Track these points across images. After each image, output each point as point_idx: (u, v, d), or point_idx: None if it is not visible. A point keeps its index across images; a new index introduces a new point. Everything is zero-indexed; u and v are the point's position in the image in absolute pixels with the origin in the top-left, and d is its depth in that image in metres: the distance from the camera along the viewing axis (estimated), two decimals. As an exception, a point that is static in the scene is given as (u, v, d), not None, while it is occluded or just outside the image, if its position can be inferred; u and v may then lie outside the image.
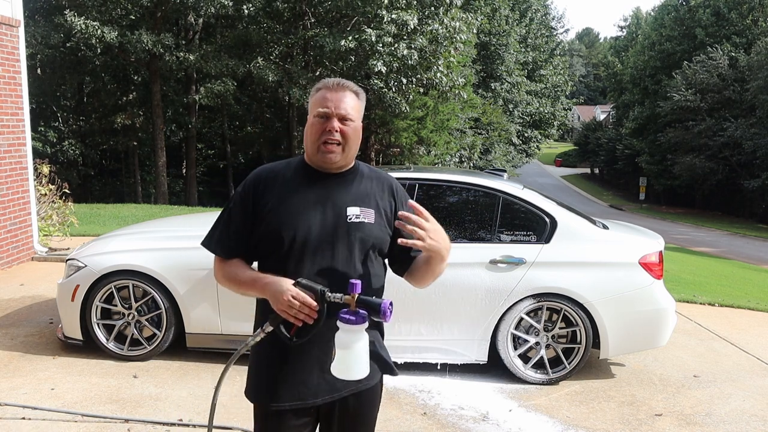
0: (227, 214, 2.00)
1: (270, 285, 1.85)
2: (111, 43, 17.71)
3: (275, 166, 2.04)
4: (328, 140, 1.90)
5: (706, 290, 8.98)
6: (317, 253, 1.91)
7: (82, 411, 3.79)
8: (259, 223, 1.93)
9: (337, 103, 1.92)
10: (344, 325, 1.78)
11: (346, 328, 1.78)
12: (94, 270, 4.55)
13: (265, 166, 2.05)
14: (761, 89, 31.07)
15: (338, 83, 1.95)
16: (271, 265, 1.93)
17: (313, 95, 1.97)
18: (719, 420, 4.10)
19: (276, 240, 1.91)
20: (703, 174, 34.18)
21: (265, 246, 1.94)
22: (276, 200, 1.93)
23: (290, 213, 1.92)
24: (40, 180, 8.64)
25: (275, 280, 1.86)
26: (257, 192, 1.95)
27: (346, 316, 1.77)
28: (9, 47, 7.41)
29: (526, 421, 3.97)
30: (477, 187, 4.74)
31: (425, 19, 18.39)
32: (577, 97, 76.30)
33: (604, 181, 53.36)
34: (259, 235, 1.94)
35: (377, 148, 23.06)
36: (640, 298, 4.54)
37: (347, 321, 1.77)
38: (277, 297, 1.82)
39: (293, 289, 1.81)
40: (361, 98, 1.99)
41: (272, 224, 1.91)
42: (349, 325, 1.77)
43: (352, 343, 1.78)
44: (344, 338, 1.79)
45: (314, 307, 1.80)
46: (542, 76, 43.60)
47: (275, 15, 19.50)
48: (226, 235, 1.98)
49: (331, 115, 1.91)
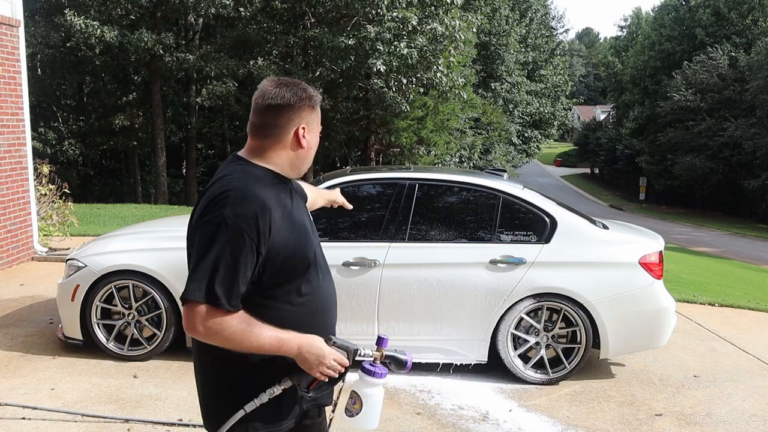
0: (227, 258, 1.63)
1: (304, 347, 1.70)
2: (111, 42, 17.71)
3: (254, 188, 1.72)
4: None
5: (706, 290, 8.98)
6: (322, 261, 1.91)
7: (82, 411, 3.79)
8: (275, 258, 1.72)
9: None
10: (369, 378, 1.78)
11: (368, 380, 1.78)
12: (94, 270, 4.54)
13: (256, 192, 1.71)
14: (761, 89, 31.07)
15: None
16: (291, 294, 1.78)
17: (314, 107, 1.83)
18: (719, 420, 4.10)
19: (301, 262, 1.79)
20: (703, 174, 34.16)
21: (286, 273, 1.76)
22: (284, 224, 1.74)
23: (303, 233, 1.83)
24: (40, 180, 8.63)
25: (308, 341, 1.71)
26: (266, 225, 1.68)
27: (373, 369, 1.78)
28: (9, 47, 7.40)
29: (526, 421, 3.97)
30: (477, 187, 4.74)
31: (425, 19, 18.38)
32: (577, 97, 76.26)
33: (604, 181, 53.35)
34: (279, 269, 1.74)
35: (377, 148, 23.05)
36: (641, 298, 4.54)
37: (373, 374, 1.77)
38: (317, 360, 1.71)
39: (333, 353, 1.74)
40: None
41: (294, 248, 1.76)
42: (372, 378, 1.78)
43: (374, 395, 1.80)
44: (366, 390, 1.79)
45: (347, 365, 1.77)
46: (542, 76, 43.60)
47: (275, 15, 19.50)
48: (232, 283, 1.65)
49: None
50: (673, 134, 35.96)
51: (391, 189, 4.69)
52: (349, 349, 1.78)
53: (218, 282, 1.63)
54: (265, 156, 1.82)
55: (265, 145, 1.81)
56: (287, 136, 1.80)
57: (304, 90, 1.81)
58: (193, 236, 1.73)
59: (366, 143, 22.99)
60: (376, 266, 4.43)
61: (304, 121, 1.81)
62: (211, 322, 1.64)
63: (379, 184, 4.82)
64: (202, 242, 1.67)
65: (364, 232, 4.65)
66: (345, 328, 4.49)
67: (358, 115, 21.97)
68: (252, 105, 1.84)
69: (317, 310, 1.86)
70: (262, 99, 1.79)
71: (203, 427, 1.96)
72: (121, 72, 24.46)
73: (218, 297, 1.63)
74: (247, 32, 19.39)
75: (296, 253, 1.77)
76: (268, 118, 1.79)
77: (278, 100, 1.77)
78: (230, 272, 1.63)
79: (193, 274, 1.65)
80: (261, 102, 1.79)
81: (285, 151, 1.81)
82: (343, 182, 4.70)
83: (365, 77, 19.32)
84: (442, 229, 4.65)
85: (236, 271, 1.64)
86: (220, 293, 1.63)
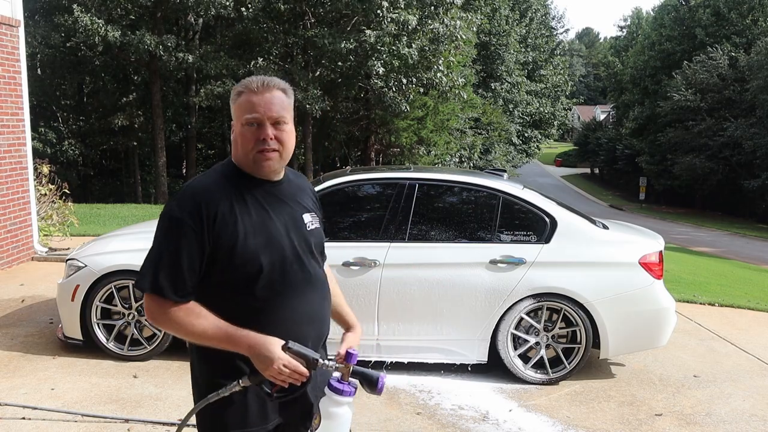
0: (172, 246, 1.67)
1: (255, 347, 1.66)
2: (113, 42, 17.70)
3: (208, 182, 1.76)
4: (264, 149, 1.73)
5: (706, 290, 8.97)
6: (292, 271, 1.79)
7: (82, 411, 3.79)
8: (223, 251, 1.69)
9: (268, 106, 1.73)
10: (333, 395, 1.66)
11: (334, 398, 1.66)
12: (94, 270, 4.55)
13: (195, 184, 1.76)
14: (761, 89, 31.06)
15: (263, 83, 1.75)
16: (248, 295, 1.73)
17: (235, 99, 1.76)
18: (719, 420, 4.10)
19: (253, 267, 1.71)
20: (703, 174, 34.15)
21: (237, 277, 1.72)
22: (237, 220, 1.71)
23: (262, 234, 1.74)
24: (40, 180, 8.63)
25: (261, 341, 1.66)
26: (209, 214, 1.68)
27: (338, 386, 1.66)
28: (9, 47, 7.40)
29: (526, 421, 3.97)
30: (477, 187, 4.74)
31: (425, 19, 18.38)
32: (577, 97, 76.24)
33: (604, 181, 53.34)
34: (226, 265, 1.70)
35: (377, 148, 23.05)
36: (641, 298, 4.54)
37: (338, 392, 1.66)
38: (265, 363, 1.66)
39: (284, 358, 1.66)
40: (290, 95, 1.80)
41: (246, 251, 1.70)
42: (338, 396, 1.66)
43: (340, 415, 1.66)
44: (331, 408, 1.67)
45: (305, 375, 1.68)
46: (542, 76, 43.59)
47: (275, 15, 19.50)
48: (176, 272, 1.67)
49: (262, 120, 1.73)
50: (673, 134, 35.96)
51: (391, 189, 4.68)
52: (308, 357, 1.67)
53: (162, 273, 1.67)
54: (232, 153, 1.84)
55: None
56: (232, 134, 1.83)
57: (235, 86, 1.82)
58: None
59: (366, 143, 22.99)
60: (376, 266, 4.43)
61: (233, 114, 1.79)
62: (160, 312, 1.69)
63: (379, 184, 4.82)
64: (155, 234, 1.74)
65: (364, 232, 4.65)
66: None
67: (358, 115, 21.97)
68: None
69: (284, 320, 1.76)
70: None
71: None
72: (121, 72, 24.46)
73: (162, 287, 1.67)
74: (247, 32, 19.39)
75: (245, 254, 1.70)
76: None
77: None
78: (174, 262, 1.67)
79: (143, 265, 1.72)
80: None
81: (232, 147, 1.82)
82: (343, 182, 4.70)
83: (365, 77, 19.32)
84: (442, 229, 4.65)
85: (179, 261, 1.67)
86: (164, 284, 1.67)
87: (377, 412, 3.99)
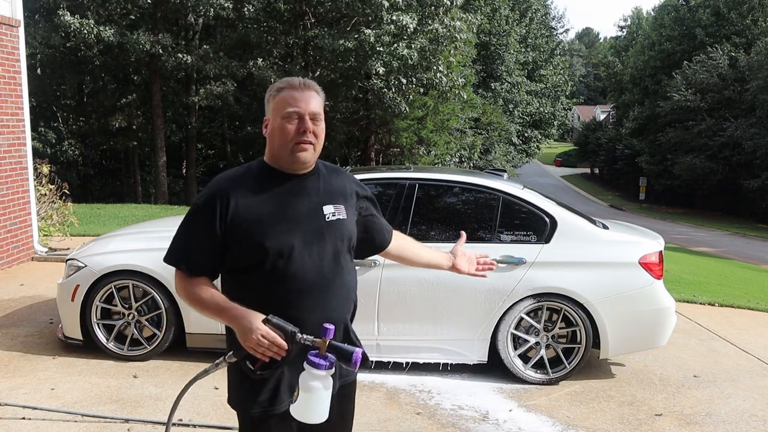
0: (189, 229, 1.92)
1: (238, 319, 1.79)
2: (109, 42, 17.69)
3: (234, 173, 1.96)
4: (302, 141, 1.88)
5: (706, 290, 8.98)
6: (303, 257, 1.88)
7: (82, 411, 3.79)
8: (234, 238, 1.85)
9: (307, 101, 1.90)
10: (311, 369, 1.72)
11: (312, 372, 1.72)
12: (94, 270, 4.54)
13: (223, 175, 1.97)
14: (761, 89, 31.06)
15: (304, 83, 1.93)
16: (255, 278, 1.87)
17: (275, 95, 1.92)
18: (719, 420, 4.10)
19: (260, 252, 1.83)
20: (703, 174, 34.15)
21: (246, 260, 1.87)
22: (249, 210, 1.86)
23: (270, 221, 1.86)
24: (40, 180, 8.63)
25: (244, 314, 1.79)
26: (223, 204, 1.85)
27: (314, 360, 1.72)
28: (9, 47, 7.40)
29: (526, 421, 3.97)
30: (477, 187, 4.74)
31: (425, 19, 18.38)
32: (577, 97, 76.24)
33: (604, 181, 53.33)
34: (237, 250, 1.86)
35: (377, 148, 23.05)
36: (641, 298, 4.54)
37: (314, 365, 1.72)
38: (245, 334, 1.77)
39: (263, 328, 1.75)
40: (322, 97, 1.99)
41: (253, 236, 1.84)
42: (315, 370, 1.71)
43: (316, 388, 1.72)
44: (309, 382, 1.72)
45: (283, 347, 1.76)
46: (542, 76, 43.58)
47: (275, 15, 19.49)
48: (190, 250, 1.90)
49: (303, 114, 1.89)
50: (673, 134, 35.95)
51: (391, 189, 4.68)
52: (286, 330, 1.76)
53: (178, 248, 1.92)
54: (266, 151, 2.00)
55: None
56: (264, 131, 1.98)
57: (272, 85, 1.98)
58: None
59: (366, 143, 22.99)
60: (376, 266, 4.43)
61: (267, 112, 1.97)
62: (177, 283, 1.94)
63: (379, 184, 4.81)
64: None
65: (364, 232, 4.64)
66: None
67: (358, 115, 21.96)
68: None
69: (281, 302, 1.86)
70: None
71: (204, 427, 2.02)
72: (120, 72, 24.44)
73: (177, 261, 1.91)
74: (247, 32, 19.39)
75: (257, 241, 1.84)
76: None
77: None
78: (188, 241, 1.91)
79: (172, 240, 1.95)
80: None
81: (267, 142, 1.98)
82: (343, 182, 4.69)
83: (365, 77, 19.32)
84: (443, 228, 4.65)
85: (192, 240, 1.90)
86: (178, 257, 1.91)
87: (377, 412, 3.99)
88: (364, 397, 4.20)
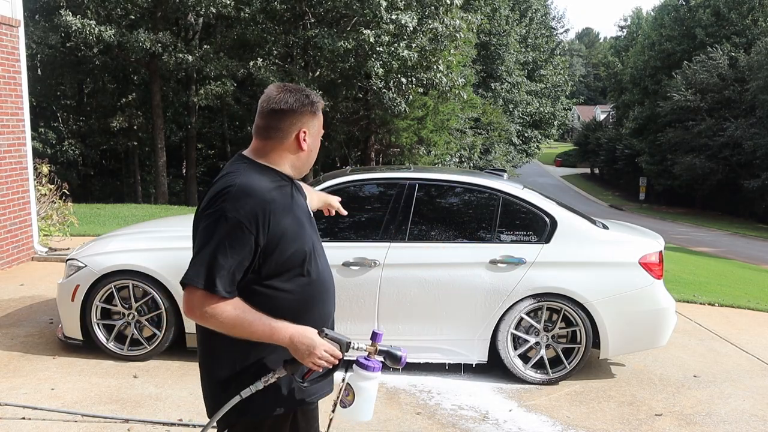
0: (225, 248, 1.76)
1: (296, 337, 1.78)
2: (109, 42, 17.69)
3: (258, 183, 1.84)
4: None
5: (706, 290, 8.98)
6: (321, 256, 2.01)
7: (82, 411, 3.79)
8: (273, 249, 1.82)
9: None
10: (363, 371, 1.84)
11: (363, 373, 1.84)
12: (94, 270, 4.54)
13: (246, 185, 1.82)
14: (761, 89, 31.07)
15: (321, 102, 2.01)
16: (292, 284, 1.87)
17: (315, 113, 1.95)
18: (719, 420, 4.10)
19: (298, 254, 1.88)
20: (703, 174, 34.16)
21: (282, 268, 1.86)
22: (285, 219, 1.85)
23: (301, 225, 1.93)
24: (40, 180, 8.63)
25: (300, 332, 1.79)
26: (264, 218, 1.79)
27: (365, 362, 1.84)
28: (9, 47, 7.40)
29: (526, 421, 3.97)
30: (477, 187, 4.74)
31: (425, 19, 18.38)
32: (577, 97, 76.23)
33: (604, 181, 53.34)
34: (277, 260, 1.84)
35: (377, 148, 23.05)
36: (641, 298, 4.54)
37: (365, 367, 1.84)
38: (308, 350, 1.79)
39: (324, 344, 1.81)
40: None
41: (292, 241, 1.86)
42: (367, 372, 1.84)
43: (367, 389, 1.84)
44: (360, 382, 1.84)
45: (340, 357, 1.84)
46: (542, 76, 43.59)
47: (275, 15, 19.49)
48: (229, 271, 1.77)
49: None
50: (673, 134, 35.96)
51: (391, 189, 4.68)
52: (342, 341, 1.83)
53: (216, 270, 1.75)
54: (268, 156, 1.94)
55: (268, 146, 1.93)
56: (289, 139, 1.92)
57: (306, 96, 1.93)
58: (197, 227, 1.86)
59: (366, 143, 22.99)
60: (376, 266, 4.43)
61: (305, 125, 1.93)
62: (208, 307, 1.77)
63: (379, 184, 4.82)
64: (204, 232, 1.80)
65: (364, 232, 4.65)
66: (345, 328, 4.48)
67: (358, 115, 21.97)
68: (258, 108, 1.96)
69: (313, 300, 1.94)
70: (267, 103, 1.91)
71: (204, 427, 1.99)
72: (120, 72, 24.45)
73: (215, 284, 1.75)
74: (247, 32, 19.39)
75: (294, 247, 1.86)
76: (272, 122, 1.91)
77: (282, 105, 1.89)
78: (228, 261, 1.76)
79: (194, 260, 1.79)
80: (266, 106, 1.91)
81: (286, 152, 1.94)
82: (343, 182, 4.70)
83: (365, 77, 19.31)
84: (442, 229, 4.65)
85: (233, 260, 1.76)
86: (217, 281, 1.75)
87: (377, 412, 3.99)
88: (364, 397, 4.20)
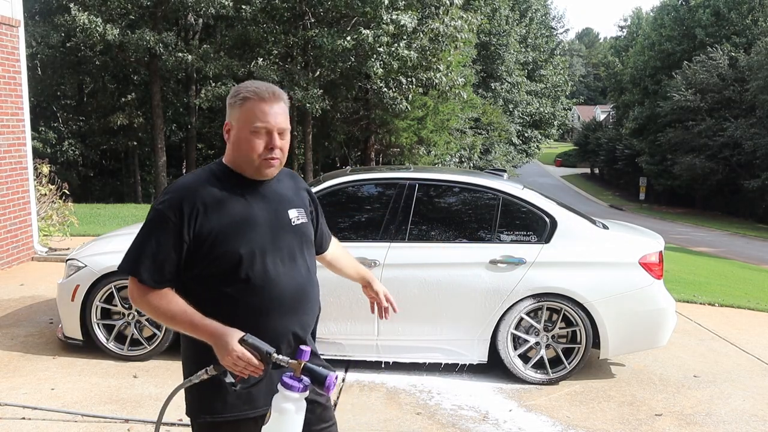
0: (154, 236, 1.80)
1: (215, 337, 1.74)
2: (112, 41, 17.69)
3: (195, 180, 1.87)
4: (271, 158, 1.84)
5: (706, 290, 8.98)
6: (276, 262, 1.87)
7: (82, 411, 3.79)
8: (203, 245, 1.80)
9: (276, 116, 1.83)
10: (284, 390, 1.70)
11: (286, 393, 1.70)
12: (94, 270, 4.54)
13: (186, 180, 1.89)
14: (761, 89, 31.06)
15: (273, 93, 1.85)
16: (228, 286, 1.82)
17: (241, 104, 1.83)
18: (719, 420, 4.10)
19: (234, 258, 1.80)
20: (703, 174, 34.16)
21: (217, 268, 1.82)
22: (219, 216, 1.81)
23: (241, 227, 1.83)
24: (40, 180, 8.63)
25: (220, 332, 1.74)
26: (191, 210, 1.79)
27: (288, 382, 1.70)
28: (9, 47, 7.40)
29: (526, 421, 3.97)
30: (477, 187, 4.74)
31: (425, 19, 18.38)
32: (577, 97, 76.24)
33: (604, 181, 53.35)
34: (207, 258, 1.81)
35: (377, 148, 23.05)
36: (640, 298, 4.54)
37: (288, 387, 1.69)
38: (221, 353, 1.73)
39: (238, 349, 1.71)
40: (287, 103, 1.91)
41: (226, 243, 1.80)
42: (289, 392, 1.69)
43: (289, 410, 1.69)
44: (282, 403, 1.70)
45: (259, 368, 1.74)
46: (542, 76, 43.58)
47: (275, 15, 19.49)
48: (156, 259, 1.80)
49: (271, 130, 1.83)
50: (673, 134, 35.96)
51: (391, 189, 4.68)
52: (261, 351, 1.73)
53: (141, 258, 1.81)
54: (227, 156, 1.93)
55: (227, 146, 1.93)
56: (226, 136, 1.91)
57: (237, 88, 1.89)
58: None
59: (366, 143, 22.99)
60: (375, 266, 4.43)
61: (230, 117, 1.89)
62: (139, 294, 1.84)
63: (379, 184, 4.82)
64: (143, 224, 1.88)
65: (364, 232, 4.65)
66: (345, 329, 4.49)
67: (358, 115, 21.97)
68: None
69: (260, 310, 1.85)
70: None
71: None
72: (121, 72, 24.45)
73: (140, 272, 1.81)
74: (247, 32, 19.39)
75: (226, 247, 1.80)
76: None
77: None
78: (150, 249, 1.80)
79: (127, 250, 1.87)
80: None
81: (229, 150, 1.92)
82: (343, 182, 4.70)
83: (365, 77, 19.31)
84: (442, 229, 4.65)
85: (156, 248, 1.80)
86: (141, 268, 1.81)
87: (377, 412, 3.99)
88: (364, 397, 4.20)
